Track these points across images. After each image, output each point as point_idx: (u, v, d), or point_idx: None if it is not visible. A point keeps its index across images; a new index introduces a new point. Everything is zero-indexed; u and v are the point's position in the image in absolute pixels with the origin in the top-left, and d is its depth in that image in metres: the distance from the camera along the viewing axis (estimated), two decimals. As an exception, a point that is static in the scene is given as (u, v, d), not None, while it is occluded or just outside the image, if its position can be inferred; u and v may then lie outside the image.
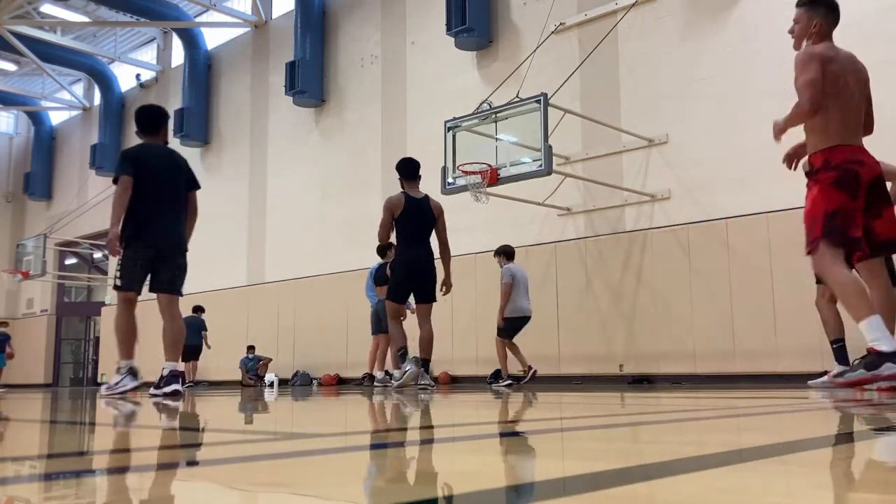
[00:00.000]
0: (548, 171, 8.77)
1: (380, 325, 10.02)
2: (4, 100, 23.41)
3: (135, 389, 5.74)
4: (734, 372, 9.22)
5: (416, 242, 7.06)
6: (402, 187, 7.25)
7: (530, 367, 9.35)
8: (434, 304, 7.18)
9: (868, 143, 4.42)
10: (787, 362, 8.83)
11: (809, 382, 6.80)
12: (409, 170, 7.29)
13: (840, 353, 6.44)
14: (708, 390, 6.12)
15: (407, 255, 7.08)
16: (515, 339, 9.38)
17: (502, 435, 1.99)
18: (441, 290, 7.22)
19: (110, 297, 20.74)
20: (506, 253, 9.55)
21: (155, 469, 1.40)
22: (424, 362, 7.06)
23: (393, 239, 7.40)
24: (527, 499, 0.99)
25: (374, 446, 1.83)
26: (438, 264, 7.27)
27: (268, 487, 1.16)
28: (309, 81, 15.17)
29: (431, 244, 7.27)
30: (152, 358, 6.22)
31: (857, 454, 1.46)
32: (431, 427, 2.46)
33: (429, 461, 1.46)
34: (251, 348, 14.94)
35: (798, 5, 4.48)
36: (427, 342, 7.07)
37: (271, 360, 14.96)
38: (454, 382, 11.78)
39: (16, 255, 19.69)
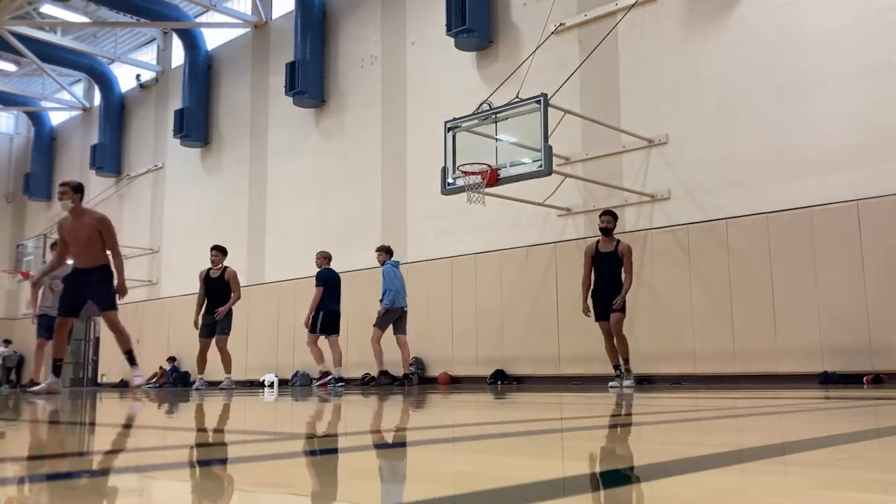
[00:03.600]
0: (548, 171, 8.77)
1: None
2: (4, 100, 23.40)
3: None
4: (734, 372, 9.21)
5: None
6: None
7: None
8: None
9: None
10: (786, 362, 8.83)
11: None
12: None
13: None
14: (708, 390, 6.12)
15: None
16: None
17: (502, 435, 1.99)
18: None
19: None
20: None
21: (155, 469, 1.40)
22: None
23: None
24: (527, 499, 0.99)
25: (374, 446, 1.83)
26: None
27: (268, 487, 1.16)
28: (309, 82, 15.16)
29: None
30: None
31: (857, 454, 1.46)
32: (432, 428, 2.46)
33: (429, 461, 1.46)
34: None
35: None
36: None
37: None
38: (454, 383, 11.77)
39: (16, 255, 19.69)
